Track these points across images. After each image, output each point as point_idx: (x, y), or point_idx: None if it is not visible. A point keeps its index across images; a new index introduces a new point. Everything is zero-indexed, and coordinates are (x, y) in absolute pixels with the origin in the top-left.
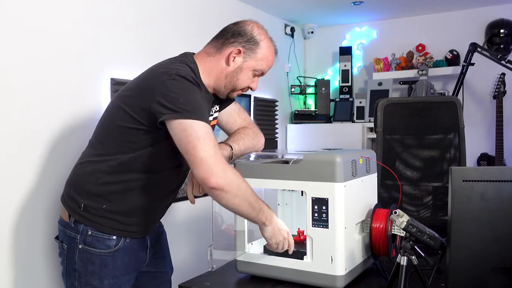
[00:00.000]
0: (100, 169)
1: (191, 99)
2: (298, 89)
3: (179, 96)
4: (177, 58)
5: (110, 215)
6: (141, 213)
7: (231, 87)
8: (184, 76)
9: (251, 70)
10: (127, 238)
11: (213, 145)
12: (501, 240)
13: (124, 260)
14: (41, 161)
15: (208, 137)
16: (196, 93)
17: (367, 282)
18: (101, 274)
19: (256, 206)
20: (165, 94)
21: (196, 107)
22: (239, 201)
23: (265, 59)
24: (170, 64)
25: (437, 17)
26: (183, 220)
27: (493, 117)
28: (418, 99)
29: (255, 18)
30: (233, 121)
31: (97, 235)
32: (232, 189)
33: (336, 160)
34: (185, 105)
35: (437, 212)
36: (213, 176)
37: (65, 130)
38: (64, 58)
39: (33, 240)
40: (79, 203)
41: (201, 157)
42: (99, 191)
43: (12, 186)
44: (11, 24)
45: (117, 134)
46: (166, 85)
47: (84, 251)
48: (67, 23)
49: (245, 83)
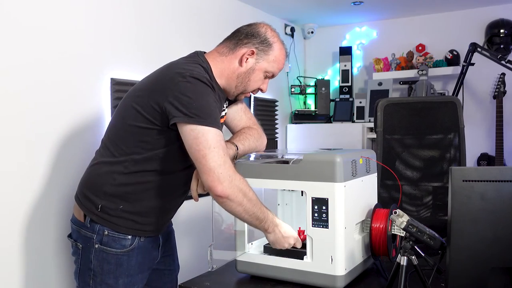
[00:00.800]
0: (116, 170)
1: (204, 103)
2: (298, 89)
3: (192, 99)
4: (190, 58)
5: (127, 215)
6: (156, 213)
7: (242, 88)
8: (198, 77)
9: (262, 71)
10: (141, 238)
11: (222, 154)
12: (501, 240)
13: (139, 259)
14: (45, 161)
15: (218, 145)
16: (209, 96)
17: (367, 282)
18: (116, 274)
19: (260, 215)
20: (178, 96)
21: (209, 112)
22: (243, 209)
23: (277, 62)
24: (183, 64)
25: (437, 17)
26: (183, 220)
27: (493, 117)
28: (418, 99)
29: (255, 18)
30: (239, 118)
31: (114, 235)
32: (237, 198)
33: (336, 160)
34: (198, 110)
35: (437, 212)
36: (219, 185)
37: (66, 130)
38: (64, 58)
39: (44, 239)
40: (96, 204)
41: (209, 167)
42: (116, 192)
43: (21, 186)
44: (10, 25)
45: (130, 134)
46: (180, 87)
47: (100, 251)
48: (67, 24)
49: (256, 84)
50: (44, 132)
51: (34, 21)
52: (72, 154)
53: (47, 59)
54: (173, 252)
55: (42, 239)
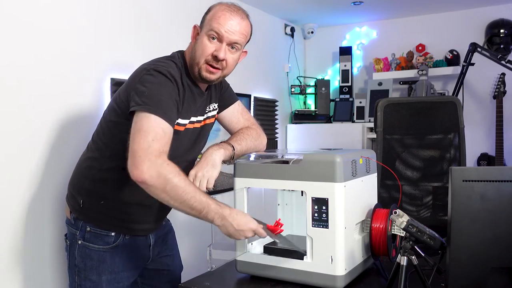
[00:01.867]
0: (94, 166)
1: (157, 93)
2: (298, 89)
3: (147, 89)
4: (167, 56)
5: (107, 212)
6: (137, 211)
7: (195, 61)
8: (160, 71)
9: (203, 36)
10: (126, 235)
11: (150, 139)
12: (501, 240)
13: (123, 257)
14: (43, 161)
15: (150, 130)
16: (166, 88)
17: (367, 282)
18: (99, 270)
19: (196, 205)
20: (137, 87)
21: (158, 101)
22: (169, 197)
23: (215, 18)
24: (154, 61)
25: (437, 17)
26: (183, 220)
27: (493, 117)
28: (418, 99)
29: (255, 18)
30: (236, 121)
31: (96, 231)
32: (157, 184)
33: (336, 160)
34: (148, 98)
35: (437, 212)
36: (135, 170)
37: (66, 130)
38: (64, 59)
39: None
40: (78, 200)
41: (133, 149)
42: (95, 188)
43: (17, 186)
44: (10, 24)
45: (107, 130)
46: (142, 79)
47: (83, 247)
48: (68, 24)
49: (204, 51)
50: (44, 132)
51: (34, 21)
52: (71, 154)
53: (47, 59)
54: (172, 252)
55: (39, 238)
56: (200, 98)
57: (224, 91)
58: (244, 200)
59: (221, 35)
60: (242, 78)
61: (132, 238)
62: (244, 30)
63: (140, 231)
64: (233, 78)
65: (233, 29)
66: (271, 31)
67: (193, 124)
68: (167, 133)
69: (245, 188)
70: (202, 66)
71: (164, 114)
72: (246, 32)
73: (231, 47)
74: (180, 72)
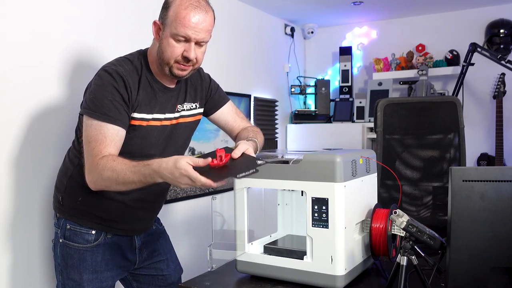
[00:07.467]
0: (73, 162)
1: (100, 95)
2: (298, 89)
3: (92, 90)
4: (127, 54)
5: (86, 209)
6: (115, 208)
7: (165, 62)
8: (107, 70)
9: (169, 37)
10: (108, 234)
11: (92, 148)
12: (501, 240)
13: (106, 256)
14: (44, 161)
15: (91, 140)
16: (110, 88)
17: (367, 282)
18: (80, 269)
19: (135, 178)
20: (88, 88)
21: (100, 105)
22: (118, 187)
23: (178, 20)
24: (112, 60)
25: (437, 17)
26: (183, 220)
27: (493, 117)
28: (418, 99)
29: (255, 18)
30: (233, 120)
31: (76, 229)
32: (103, 186)
33: (336, 160)
34: (91, 101)
35: (437, 212)
36: (88, 182)
37: (65, 131)
38: (64, 59)
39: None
40: (58, 197)
41: (85, 161)
42: (71, 185)
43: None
44: (10, 24)
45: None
46: (93, 80)
47: (64, 245)
48: (68, 24)
49: (172, 53)
50: (44, 132)
51: (34, 21)
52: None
53: (47, 59)
54: (166, 256)
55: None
56: (162, 94)
57: (214, 93)
58: (244, 200)
59: (189, 37)
60: (242, 78)
61: (114, 237)
62: (209, 25)
63: (121, 230)
64: (233, 78)
65: (199, 27)
66: (271, 31)
67: (161, 122)
68: (109, 135)
69: (245, 188)
70: (173, 65)
71: (106, 116)
72: (211, 25)
73: (199, 45)
74: (135, 69)
